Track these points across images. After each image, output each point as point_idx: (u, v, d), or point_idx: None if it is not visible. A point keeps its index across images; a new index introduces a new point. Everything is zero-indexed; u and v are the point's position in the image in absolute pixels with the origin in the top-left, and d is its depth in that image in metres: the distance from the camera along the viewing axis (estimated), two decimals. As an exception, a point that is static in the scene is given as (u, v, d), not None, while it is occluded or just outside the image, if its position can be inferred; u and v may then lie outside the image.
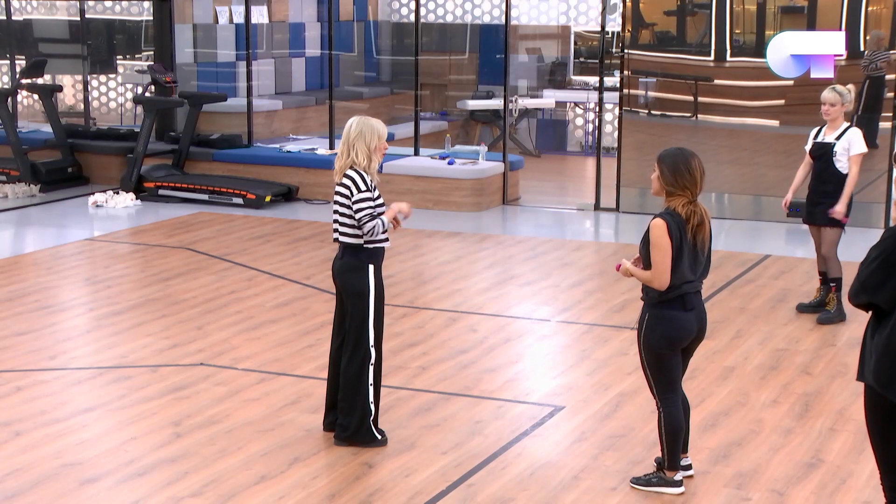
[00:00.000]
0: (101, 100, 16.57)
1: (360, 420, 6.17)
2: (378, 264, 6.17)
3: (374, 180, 6.13)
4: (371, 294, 6.10)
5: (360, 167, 6.08)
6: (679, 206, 5.51)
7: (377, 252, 6.16)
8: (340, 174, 6.10)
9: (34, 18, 16.28)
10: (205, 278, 9.81)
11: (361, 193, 6.03)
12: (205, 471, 5.92)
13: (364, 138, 6.06)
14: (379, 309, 6.16)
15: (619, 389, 7.20)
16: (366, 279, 6.09)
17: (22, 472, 5.89)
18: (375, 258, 6.14)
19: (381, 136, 6.12)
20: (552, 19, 17.60)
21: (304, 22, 17.13)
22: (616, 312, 8.92)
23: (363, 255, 6.11)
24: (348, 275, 6.13)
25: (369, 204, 6.04)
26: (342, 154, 6.11)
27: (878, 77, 12.09)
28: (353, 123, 6.11)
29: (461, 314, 8.87)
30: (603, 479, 5.88)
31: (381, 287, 6.19)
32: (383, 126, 6.17)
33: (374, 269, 6.13)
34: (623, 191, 12.91)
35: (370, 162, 6.08)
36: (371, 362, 6.15)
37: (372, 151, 6.08)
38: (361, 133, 6.06)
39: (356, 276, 6.10)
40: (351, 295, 6.13)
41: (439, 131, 15.93)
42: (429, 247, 11.27)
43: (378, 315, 6.16)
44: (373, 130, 6.08)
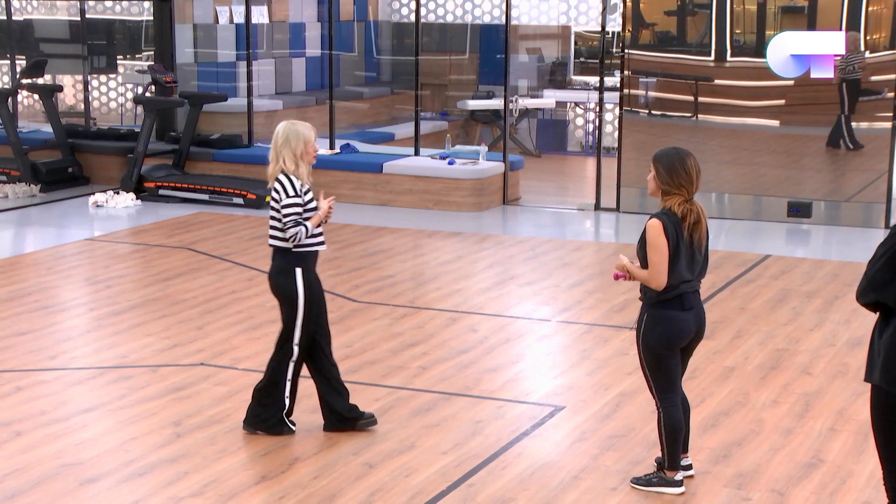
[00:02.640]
0: (101, 100, 16.57)
1: (274, 412, 6.34)
2: (307, 267, 6.27)
3: (305, 184, 6.22)
4: (300, 297, 6.23)
5: (289, 172, 6.18)
6: (675, 205, 5.52)
7: (306, 255, 6.25)
8: (272, 179, 6.24)
9: (34, 18, 16.28)
10: (205, 278, 9.81)
11: (289, 199, 6.16)
12: (205, 471, 5.92)
13: (290, 144, 6.18)
14: (309, 311, 6.26)
15: (620, 389, 7.20)
16: (293, 282, 6.22)
17: (22, 471, 5.89)
18: (304, 261, 6.24)
19: (307, 141, 6.20)
20: (552, 19, 17.60)
21: (304, 22, 17.13)
22: (616, 312, 8.92)
23: (290, 258, 6.23)
24: (276, 278, 6.29)
25: (296, 210, 6.15)
26: (272, 160, 6.23)
27: (854, 80, 12.13)
28: (280, 130, 6.23)
29: (461, 314, 8.87)
30: (603, 479, 5.88)
31: (313, 289, 6.27)
32: (310, 131, 6.24)
33: (303, 271, 6.24)
34: (623, 191, 12.91)
35: (297, 167, 6.18)
36: (293, 359, 6.31)
37: (298, 157, 6.18)
38: (287, 140, 6.18)
39: (283, 280, 6.25)
40: (280, 297, 6.31)
41: (439, 131, 15.93)
42: (429, 247, 11.27)
43: (308, 316, 6.27)
44: (298, 136, 6.18)
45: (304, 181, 6.21)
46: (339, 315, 8.77)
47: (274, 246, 6.29)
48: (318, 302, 6.31)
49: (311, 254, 6.28)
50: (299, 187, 6.18)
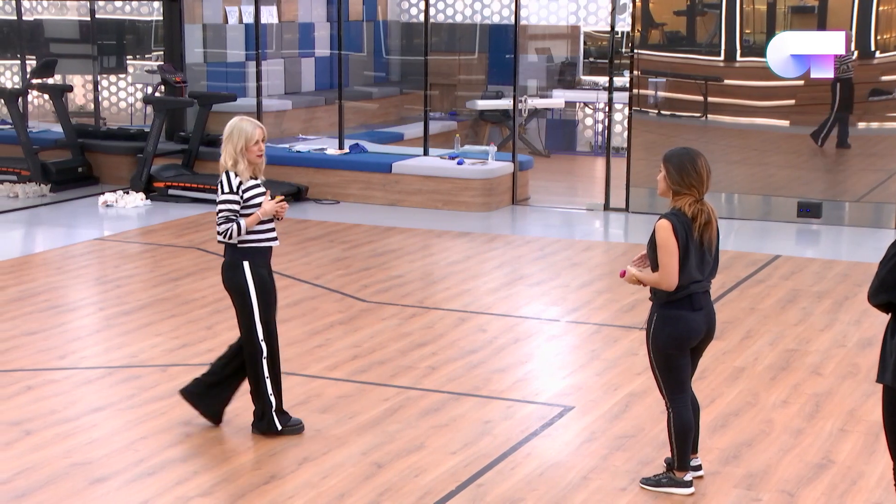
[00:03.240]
0: (111, 100, 16.59)
1: (262, 411, 6.33)
2: (256, 261, 6.25)
3: (247, 181, 6.23)
4: (251, 290, 6.22)
5: (228, 168, 6.21)
6: (686, 205, 5.51)
7: (253, 251, 6.25)
8: (221, 171, 6.31)
9: (45, 18, 16.31)
10: (214, 278, 9.81)
11: (224, 195, 6.19)
12: (214, 470, 5.92)
13: (232, 140, 6.21)
14: (264, 304, 6.27)
15: (629, 390, 7.19)
16: (242, 276, 6.23)
17: (32, 471, 5.90)
18: (251, 256, 6.24)
19: (248, 138, 6.19)
20: (562, 19, 17.59)
21: (313, 22, 17.14)
22: (625, 313, 8.91)
23: (237, 253, 6.25)
24: (226, 273, 6.31)
25: (229, 206, 6.16)
26: (222, 153, 6.27)
27: (847, 79, 12.11)
28: (228, 125, 6.27)
29: (470, 314, 8.87)
30: (612, 480, 5.87)
31: (264, 282, 6.28)
32: (255, 128, 6.23)
33: (251, 265, 6.23)
34: (633, 191, 12.90)
35: (236, 164, 6.19)
36: (263, 356, 6.28)
37: (238, 153, 6.19)
38: (230, 136, 6.23)
39: (232, 274, 6.26)
40: (231, 293, 6.31)
41: (448, 131, 15.93)
42: (438, 247, 11.26)
43: (264, 310, 6.27)
44: (241, 133, 6.19)
45: (246, 177, 6.23)
46: (347, 315, 8.77)
47: (221, 241, 6.30)
48: (270, 294, 6.31)
49: (259, 249, 6.28)
50: (236, 185, 6.19)
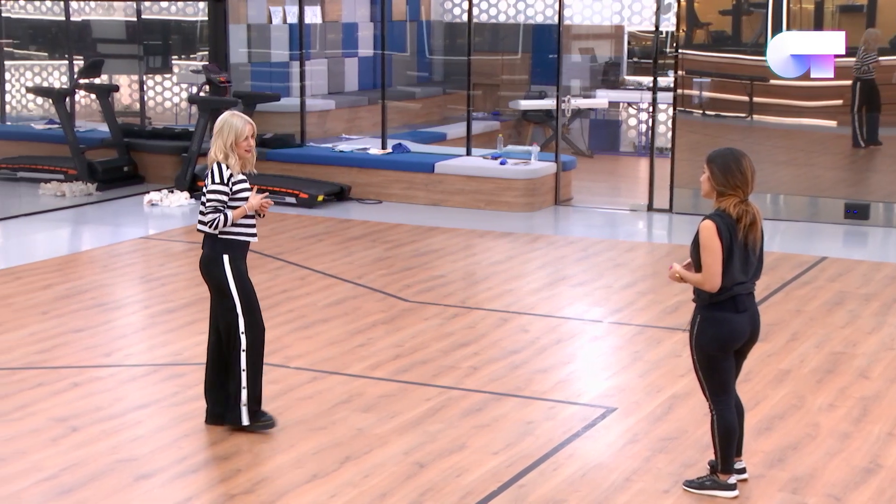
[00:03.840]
0: (156, 99, 16.73)
1: (233, 402, 6.38)
2: (235, 255, 6.32)
3: (237, 174, 6.29)
4: (231, 283, 6.28)
5: (219, 160, 6.28)
6: (730, 206, 5.47)
7: (233, 244, 6.31)
8: (209, 164, 6.35)
9: (92, 19, 16.48)
10: (257, 277, 9.85)
11: (214, 185, 6.25)
12: (257, 468, 5.95)
13: (223, 135, 6.29)
14: (246, 296, 6.32)
15: (672, 391, 7.14)
16: (222, 269, 6.29)
17: (78, 466, 5.95)
18: (231, 249, 6.30)
19: (238, 134, 6.26)
20: (606, 19, 17.52)
21: (356, 22, 17.18)
22: (669, 314, 8.85)
23: (218, 245, 6.30)
24: (206, 266, 6.36)
25: (218, 196, 6.23)
26: (211, 146, 6.34)
27: (868, 79, 11.97)
28: (219, 119, 6.34)
29: (513, 314, 8.85)
30: (655, 482, 5.84)
31: (244, 275, 6.34)
32: (245, 124, 6.30)
33: (230, 258, 6.30)
34: (676, 191, 12.82)
35: (227, 158, 6.26)
36: (242, 349, 6.33)
37: (228, 148, 6.27)
38: (221, 130, 6.30)
39: (213, 267, 6.32)
40: (212, 286, 6.37)
41: (491, 131, 15.91)
42: (480, 247, 11.25)
43: (246, 302, 6.32)
44: (231, 128, 6.26)
45: (235, 171, 6.29)
46: (390, 315, 8.78)
47: (202, 232, 6.34)
48: (250, 287, 6.37)
49: (238, 243, 6.35)
50: (227, 176, 6.25)
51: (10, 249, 11.21)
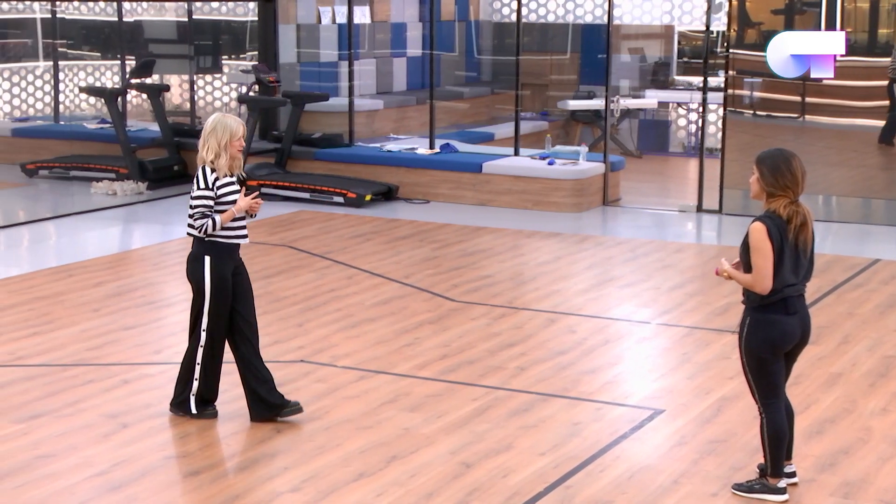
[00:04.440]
0: (206, 99, 16.86)
1: (181, 391, 6.56)
2: (219, 257, 6.42)
3: (224, 176, 6.38)
4: (207, 285, 6.41)
5: (207, 162, 6.36)
6: (780, 207, 5.42)
7: (219, 246, 6.42)
8: (198, 165, 6.44)
9: (144, 20, 16.64)
10: (305, 276, 9.91)
11: (199, 191, 6.36)
12: (304, 467, 5.97)
13: (216, 135, 6.38)
14: (218, 299, 6.44)
15: (721, 394, 7.08)
16: (202, 269, 6.41)
17: (128, 463, 6.01)
18: (215, 251, 6.41)
19: (233, 134, 6.37)
20: (655, 19, 17.40)
21: (405, 22, 17.21)
22: (718, 315, 8.78)
23: (202, 246, 6.43)
24: (189, 264, 6.51)
25: (204, 202, 6.33)
26: (200, 147, 6.43)
27: None
28: (211, 119, 6.43)
29: (560, 315, 8.82)
30: (703, 484, 5.79)
31: (222, 279, 6.43)
32: (238, 125, 6.40)
33: (212, 260, 6.41)
34: (726, 192, 12.71)
35: (218, 158, 6.36)
36: (200, 345, 6.49)
37: (222, 148, 6.36)
38: (215, 130, 6.39)
39: (194, 266, 6.46)
40: (191, 282, 6.51)
41: (540, 131, 15.86)
42: (528, 247, 11.23)
43: (216, 304, 6.42)
44: (226, 128, 6.36)
45: (223, 172, 6.37)
46: (437, 314, 8.79)
47: (191, 236, 6.47)
48: (226, 293, 6.43)
49: (225, 245, 6.45)
50: (212, 181, 6.35)
51: (62, 247, 11.35)
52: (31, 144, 14.64)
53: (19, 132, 14.53)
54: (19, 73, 15.07)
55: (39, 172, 14.31)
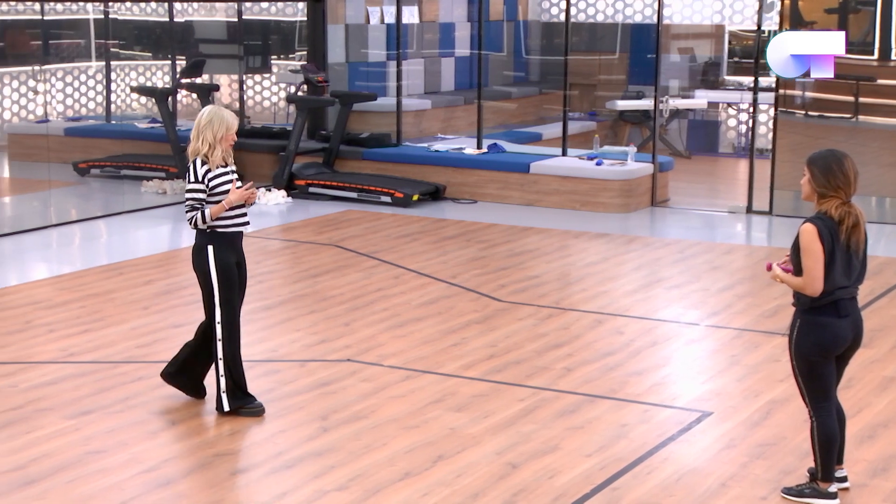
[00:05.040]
0: (255, 98, 16.97)
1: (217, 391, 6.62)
2: (221, 246, 6.51)
3: (216, 167, 6.47)
4: (213, 274, 6.49)
5: (202, 154, 6.45)
6: (832, 208, 5.35)
7: (220, 235, 6.52)
8: (190, 158, 6.53)
9: (194, 20, 16.77)
10: (353, 275, 9.94)
11: (190, 184, 6.46)
12: (350, 465, 5.98)
13: (212, 127, 6.45)
14: (225, 288, 6.50)
15: (770, 396, 7.01)
16: (206, 259, 6.51)
17: (177, 460, 6.06)
18: (217, 240, 6.51)
19: (228, 127, 6.46)
20: (706, 18, 17.27)
21: (454, 22, 17.21)
22: (768, 318, 8.69)
23: (205, 237, 6.53)
24: (193, 256, 6.60)
25: (194, 195, 6.44)
26: (193, 139, 6.51)
27: None
28: (205, 112, 6.50)
29: (607, 316, 8.77)
30: (752, 488, 5.73)
31: (227, 268, 6.52)
32: (233, 118, 6.50)
33: (215, 249, 6.51)
34: (777, 193, 12.58)
35: (213, 150, 6.44)
36: (218, 338, 6.55)
37: (217, 141, 6.45)
38: (210, 122, 6.46)
39: (198, 257, 6.55)
40: (197, 274, 6.60)
41: (588, 131, 15.79)
42: (575, 248, 11.18)
43: (225, 294, 6.51)
44: (221, 121, 6.44)
45: (216, 164, 6.46)
46: (483, 314, 8.77)
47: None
48: (233, 280, 6.53)
49: (225, 234, 6.53)
50: (202, 173, 6.44)
51: (112, 246, 11.47)
52: (83, 144, 14.80)
53: (72, 131, 14.70)
54: (72, 74, 15.25)
55: (91, 171, 14.48)
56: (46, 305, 8.93)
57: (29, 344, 7.96)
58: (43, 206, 12.95)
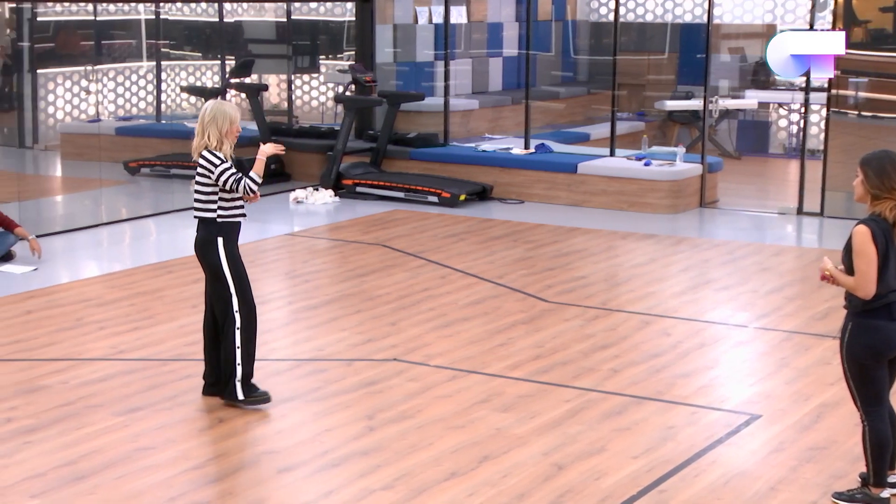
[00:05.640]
0: (303, 98, 17.05)
1: (227, 379, 6.69)
2: (229, 237, 6.64)
3: (228, 160, 6.57)
4: (224, 264, 6.62)
5: (211, 148, 6.55)
6: (886, 209, 5.29)
7: (227, 226, 6.65)
8: (196, 153, 6.60)
9: (244, 20, 16.88)
10: (399, 275, 9.95)
11: (219, 167, 6.52)
12: (396, 465, 5.99)
13: (217, 122, 6.54)
14: (239, 275, 6.65)
15: (821, 400, 6.92)
16: (216, 251, 6.62)
17: (223, 457, 6.09)
18: (225, 231, 6.63)
19: (232, 121, 6.57)
20: (757, 18, 17.11)
21: (502, 22, 17.19)
22: (818, 320, 8.59)
23: (213, 228, 6.63)
24: (202, 249, 6.68)
25: (230, 172, 6.52)
26: (198, 135, 6.60)
27: None
28: (208, 108, 6.58)
29: (654, 317, 8.71)
30: (802, 492, 5.66)
31: (237, 257, 6.68)
32: (236, 112, 6.60)
33: (224, 241, 6.63)
34: (828, 195, 12.43)
35: (221, 144, 6.56)
36: (236, 326, 6.64)
37: (223, 135, 6.56)
38: (214, 118, 6.54)
39: (208, 249, 6.64)
40: (208, 267, 6.69)
41: (636, 132, 15.70)
42: (623, 248, 11.12)
43: (239, 281, 6.65)
44: (225, 116, 6.54)
45: (227, 157, 6.56)
46: (530, 315, 8.75)
47: (198, 217, 6.67)
48: (242, 267, 6.66)
49: (232, 225, 6.66)
50: (223, 157, 6.54)
51: (162, 244, 11.57)
52: (133, 143, 14.95)
53: (122, 131, 14.85)
54: (123, 74, 15.41)
55: (141, 170, 14.61)
56: (97, 303, 9.02)
57: (79, 341, 8.04)
58: (94, 204, 13.09)
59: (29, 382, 7.16)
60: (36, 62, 14.43)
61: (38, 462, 5.95)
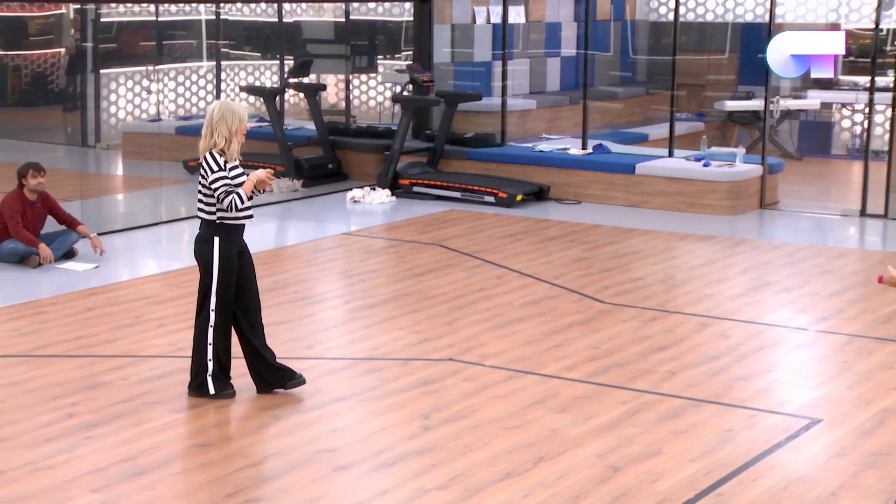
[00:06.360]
0: (361, 98, 17.11)
1: (196, 373, 6.79)
2: (226, 237, 6.68)
3: (233, 159, 6.64)
4: (215, 263, 6.66)
5: (219, 148, 6.58)
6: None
7: (227, 227, 6.69)
8: (202, 154, 6.63)
9: (303, 20, 16.98)
10: (455, 275, 9.94)
11: (215, 174, 6.57)
12: (451, 464, 5.98)
13: (226, 121, 6.56)
14: (224, 278, 6.67)
15: (884, 405, 6.80)
16: (210, 249, 6.67)
17: (280, 455, 6.12)
18: (223, 231, 6.68)
19: (241, 119, 6.60)
20: (820, 17, 16.88)
21: (560, 21, 17.12)
22: (881, 324, 8.45)
23: (212, 227, 6.69)
24: (198, 245, 6.74)
25: (224, 182, 6.57)
26: (205, 136, 6.61)
27: None
28: (216, 107, 6.60)
29: (713, 319, 8.62)
30: (863, 498, 5.57)
31: (229, 259, 6.68)
32: (244, 110, 6.62)
33: (220, 241, 6.67)
34: (893, 196, 12.24)
35: (229, 144, 6.59)
36: (211, 325, 6.72)
37: (233, 133, 6.59)
38: (223, 117, 6.56)
39: (203, 247, 6.70)
40: (199, 263, 6.74)
41: (695, 132, 15.56)
42: (681, 250, 11.02)
43: (223, 283, 6.67)
44: (234, 114, 6.57)
45: (233, 157, 6.63)
46: (586, 316, 8.70)
47: (200, 217, 6.73)
48: (232, 272, 6.67)
49: (233, 226, 6.70)
50: (223, 163, 6.58)
51: (221, 242, 11.65)
52: (193, 142, 14.98)
53: (182, 130, 15.00)
54: (184, 73, 15.57)
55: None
56: (156, 301, 9.12)
57: (139, 338, 8.13)
58: (154, 203, 13.24)
59: (90, 378, 7.25)
60: (99, 62, 14.62)
61: (99, 457, 6.02)
